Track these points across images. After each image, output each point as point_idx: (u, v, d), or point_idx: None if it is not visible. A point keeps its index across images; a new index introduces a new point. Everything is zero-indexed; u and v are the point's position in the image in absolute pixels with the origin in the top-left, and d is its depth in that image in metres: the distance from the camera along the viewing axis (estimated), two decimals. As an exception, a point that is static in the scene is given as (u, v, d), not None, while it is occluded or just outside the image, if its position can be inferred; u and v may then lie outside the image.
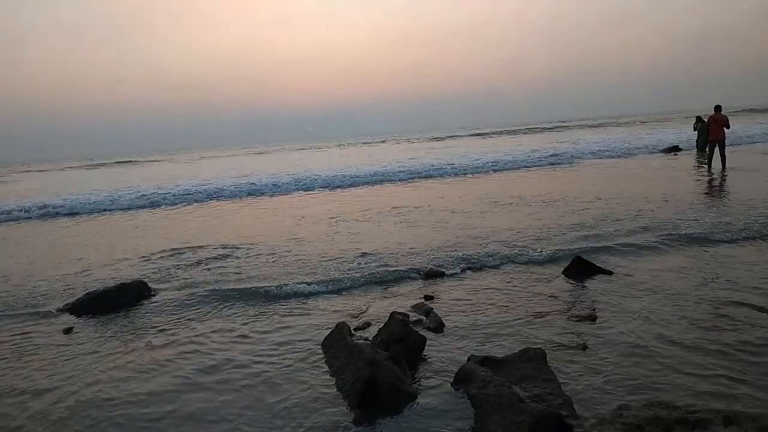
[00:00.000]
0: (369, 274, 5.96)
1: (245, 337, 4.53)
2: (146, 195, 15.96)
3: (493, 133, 46.79)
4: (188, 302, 5.59)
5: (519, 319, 4.47)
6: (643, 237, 6.69)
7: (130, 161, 43.07)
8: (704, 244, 6.24)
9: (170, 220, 12.21)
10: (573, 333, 4.07)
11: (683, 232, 6.74)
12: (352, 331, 4.14)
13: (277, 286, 5.75)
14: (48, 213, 14.41)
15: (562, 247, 6.50)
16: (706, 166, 13.84)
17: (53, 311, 5.62)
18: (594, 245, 6.50)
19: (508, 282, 5.47)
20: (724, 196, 9.71)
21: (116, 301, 5.62)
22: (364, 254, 6.88)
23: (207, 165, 33.82)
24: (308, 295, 5.49)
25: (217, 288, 5.94)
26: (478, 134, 46.49)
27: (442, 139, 44.83)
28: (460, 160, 19.76)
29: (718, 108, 14.03)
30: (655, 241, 6.45)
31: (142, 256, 7.93)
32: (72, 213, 14.47)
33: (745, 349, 3.54)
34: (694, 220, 7.43)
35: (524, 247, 6.67)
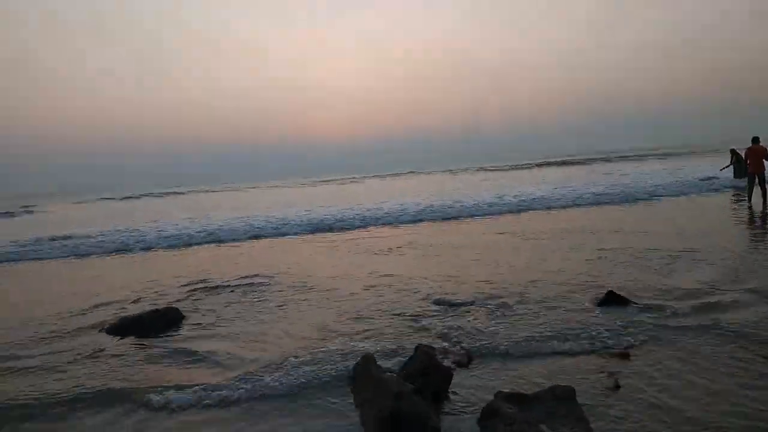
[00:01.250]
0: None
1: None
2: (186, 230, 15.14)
3: (541, 164, 46.06)
4: (218, 326, 5.72)
5: (549, 354, 4.38)
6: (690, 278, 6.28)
7: (176, 192, 44.67)
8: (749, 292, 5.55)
9: (210, 254, 12.50)
10: (605, 371, 3.95)
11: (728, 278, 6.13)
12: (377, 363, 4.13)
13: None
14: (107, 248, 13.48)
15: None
16: (746, 199, 13.36)
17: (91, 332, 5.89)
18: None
19: (538, 315, 5.37)
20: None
21: (150, 326, 5.79)
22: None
23: (267, 196, 32.60)
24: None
25: (243, 315, 6.05)
26: (526, 165, 45.89)
27: (500, 169, 43.21)
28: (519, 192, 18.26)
29: (755, 140, 13.62)
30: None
31: (180, 285, 8.16)
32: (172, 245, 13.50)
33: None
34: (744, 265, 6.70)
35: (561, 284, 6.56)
